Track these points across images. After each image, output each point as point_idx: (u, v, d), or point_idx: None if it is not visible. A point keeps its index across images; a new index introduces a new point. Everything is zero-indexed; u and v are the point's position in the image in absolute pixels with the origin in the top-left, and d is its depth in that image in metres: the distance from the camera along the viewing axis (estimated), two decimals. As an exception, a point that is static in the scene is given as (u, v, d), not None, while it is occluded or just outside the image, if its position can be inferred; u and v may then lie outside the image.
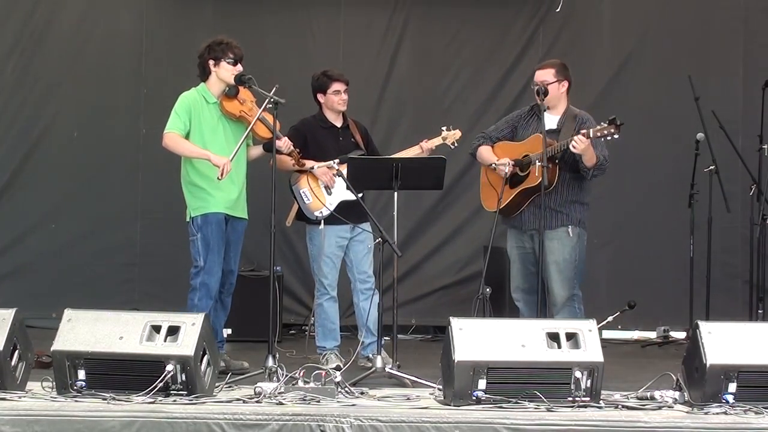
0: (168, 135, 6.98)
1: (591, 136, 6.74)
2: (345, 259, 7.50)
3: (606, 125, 6.74)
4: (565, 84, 7.07)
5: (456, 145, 7.51)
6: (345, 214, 7.17)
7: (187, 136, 6.98)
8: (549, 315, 6.88)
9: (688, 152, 8.93)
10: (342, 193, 7.28)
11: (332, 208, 7.26)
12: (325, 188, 7.35)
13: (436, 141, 7.44)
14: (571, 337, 5.46)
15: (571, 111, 7.07)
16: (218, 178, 6.81)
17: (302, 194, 7.38)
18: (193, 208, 7.00)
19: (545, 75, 7.06)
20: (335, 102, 7.52)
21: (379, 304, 6.88)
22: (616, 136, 6.74)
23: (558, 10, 9.41)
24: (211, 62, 7.05)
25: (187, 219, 7.03)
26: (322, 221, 7.28)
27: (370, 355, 7.20)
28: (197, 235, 6.95)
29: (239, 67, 7.03)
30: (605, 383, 5.46)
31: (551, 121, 6.97)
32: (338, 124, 7.58)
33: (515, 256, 7.16)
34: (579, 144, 6.72)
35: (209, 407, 5.23)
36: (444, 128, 7.48)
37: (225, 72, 7.02)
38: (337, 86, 7.51)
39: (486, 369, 5.33)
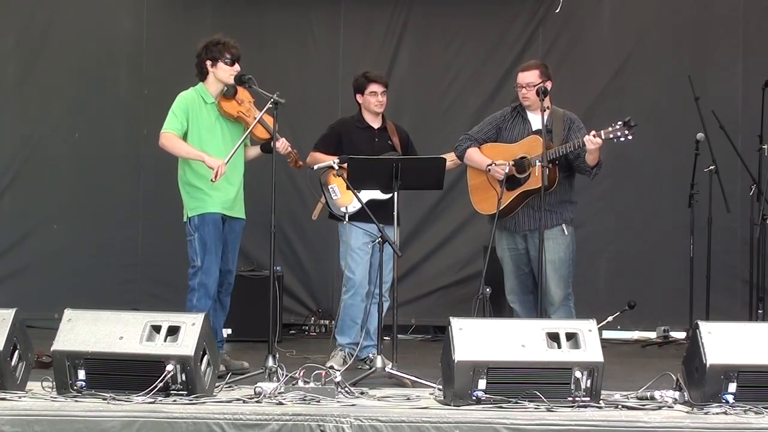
0: (164, 135, 6.96)
1: (603, 137, 6.72)
2: None
3: (620, 126, 6.71)
4: (549, 84, 7.05)
5: None
6: (373, 214, 7.07)
7: (184, 136, 6.96)
8: (544, 315, 6.87)
9: (688, 152, 8.92)
10: (371, 191, 7.20)
11: (360, 204, 7.19)
12: None
13: None
14: (571, 337, 5.45)
15: (556, 111, 7.05)
16: (212, 180, 6.80)
17: (331, 190, 7.36)
18: (190, 208, 6.99)
19: (531, 77, 7.02)
20: (371, 103, 7.52)
21: (380, 311, 6.85)
22: (630, 137, 6.72)
23: (558, 10, 9.42)
24: (209, 62, 7.02)
25: (185, 219, 7.02)
26: (347, 216, 7.22)
27: (370, 355, 7.20)
28: (194, 235, 6.94)
29: (237, 67, 7.01)
30: (605, 383, 5.45)
31: (537, 121, 6.95)
32: (375, 125, 7.58)
33: (508, 258, 7.09)
34: (594, 145, 6.71)
35: (209, 407, 5.23)
36: None
37: (222, 72, 7.00)
38: (374, 87, 7.52)
39: (486, 369, 5.32)
